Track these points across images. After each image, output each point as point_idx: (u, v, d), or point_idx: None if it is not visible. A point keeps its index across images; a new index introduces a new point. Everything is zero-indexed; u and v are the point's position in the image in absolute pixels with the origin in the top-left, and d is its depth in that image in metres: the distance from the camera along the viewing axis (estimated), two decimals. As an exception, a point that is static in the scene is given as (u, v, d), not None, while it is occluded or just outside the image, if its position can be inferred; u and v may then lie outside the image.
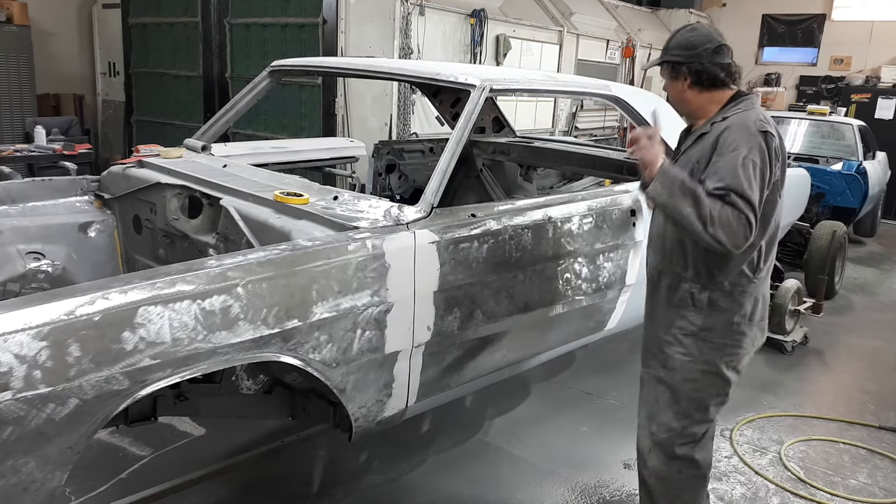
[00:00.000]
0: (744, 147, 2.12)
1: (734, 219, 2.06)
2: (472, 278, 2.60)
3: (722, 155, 2.14)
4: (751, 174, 2.09)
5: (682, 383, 2.34)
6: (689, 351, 2.32)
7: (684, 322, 2.33)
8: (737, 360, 2.34)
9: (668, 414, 2.37)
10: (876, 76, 11.16)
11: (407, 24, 6.39)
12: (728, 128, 2.19)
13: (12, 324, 1.61)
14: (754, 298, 2.31)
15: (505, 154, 4.50)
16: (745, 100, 2.30)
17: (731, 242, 2.08)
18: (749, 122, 2.19)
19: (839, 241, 5.92)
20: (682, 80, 2.30)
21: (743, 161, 2.10)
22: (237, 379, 2.42)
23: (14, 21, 8.02)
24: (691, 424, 2.36)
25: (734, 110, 2.26)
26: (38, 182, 3.24)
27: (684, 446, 2.37)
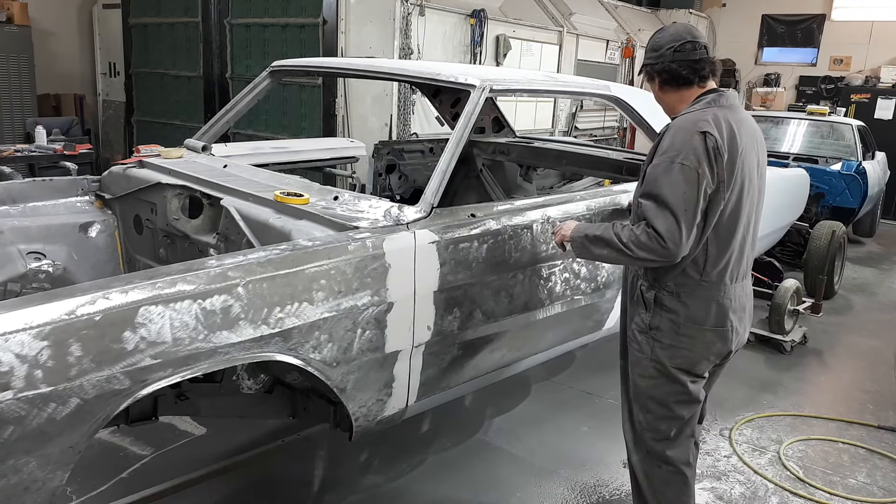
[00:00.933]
0: (673, 150, 2.13)
1: (646, 237, 2.14)
2: (472, 278, 2.61)
3: (654, 156, 2.21)
4: (677, 178, 2.10)
5: (639, 379, 2.40)
6: (642, 348, 2.36)
7: (639, 319, 2.38)
8: (687, 364, 2.30)
9: (635, 408, 2.45)
10: (875, 76, 11.16)
11: (407, 25, 6.40)
12: (669, 128, 2.23)
13: (13, 323, 1.62)
14: (706, 302, 2.26)
15: (505, 154, 4.51)
16: (704, 98, 2.27)
17: (659, 256, 2.14)
18: (690, 122, 2.18)
19: (838, 241, 5.93)
20: (654, 82, 2.36)
21: (670, 164, 2.12)
22: (238, 378, 2.42)
23: (14, 21, 8.03)
24: (656, 420, 2.38)
25: (688, 109, 2.26)
26: (38, 182, 3.24)
27: (658, 443, 2.40)
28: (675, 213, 2.10)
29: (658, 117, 3.72)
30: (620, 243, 2.19)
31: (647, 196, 2.17)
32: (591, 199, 3.18)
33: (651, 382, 2.36)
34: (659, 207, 2.12)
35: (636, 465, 2.50)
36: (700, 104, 2.26)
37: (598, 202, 3.18)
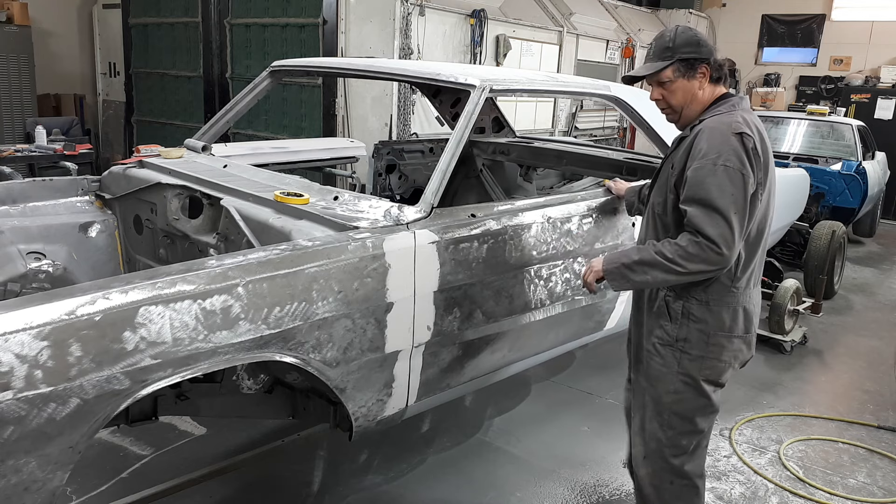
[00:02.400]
0: (714, 152, 2.07)
1: (696, 247, 2.04)
2: (472, 278, 2.61)
3: (694, 160, 2.10)
4: (723, 179, 2.04)
5: (663, 395, 2.29)
6: (666, 362, 2.26)
7: (661, 332, 2.27)
8: (716, 374, 2.25)
9: (653, 424, 2.33)
10: (875, 76, 11.16)
11: (407, 25, 6.40)
12: (701, 131, 2.15)
13: (13, 323, 1.62)
14: (733, 310, 2.22)
15: (505, 154, 4.51)
16: (726, 102, 2.23)
17: (713, 265, 2.06)
18: (723, 124, 2.13)
19: (838, 241, 5.93)
20: (700, 77, 2.21)
21: (713, 166, 2.06)
22: (238, 378, 2.42)
23: (14, 21, 8.03)
24: (677, 435, 2.30)
25: (714, 112, 2.20)
26: (38, 182, 3.24)
27: (675, 458, 2.32)
28: (727, 216, 2.02)
29: (658, 117, 3.73)
30: (666, 261, 2.08)
31: (693, 202, 2.07)
32: (592, 199, 3.18)
33: (677, 398, 2.26)
34: (708, 212, 2.03)
35: (644, 479, 2.39)
36: (724, 106, 2.21)
37: (599, 202, 3.18)
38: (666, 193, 2.24)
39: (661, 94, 2.26)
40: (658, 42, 2.25)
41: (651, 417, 2.33)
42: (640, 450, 2.39)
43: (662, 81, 2.23)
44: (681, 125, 2.32)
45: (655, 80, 2.25)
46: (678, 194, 2.17)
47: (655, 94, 2.27)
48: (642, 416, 2.38)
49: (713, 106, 2.23)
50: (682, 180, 2.15)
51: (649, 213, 2.35)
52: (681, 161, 2.17)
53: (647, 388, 2.33)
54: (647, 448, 2.36)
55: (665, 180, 2.25)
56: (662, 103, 2.28)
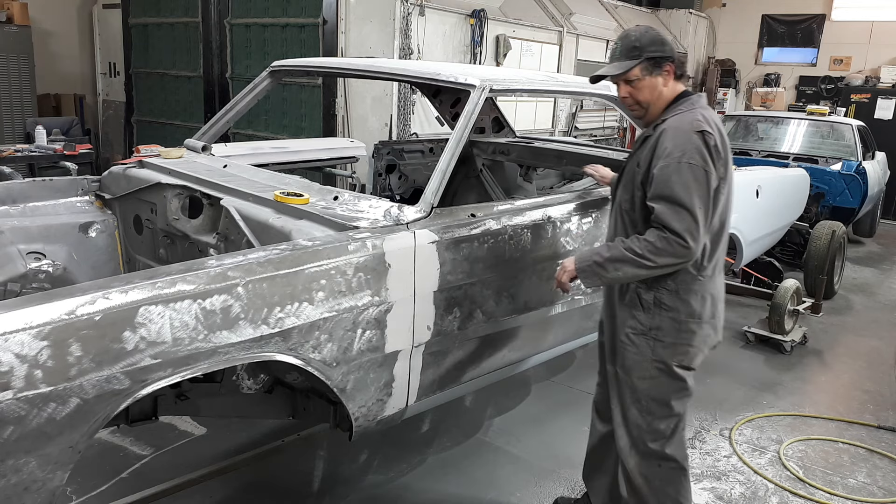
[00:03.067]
0: (678, 151, 2.16)
1: (664, 242, 2.15)
2: (472, 278, 2.61)
3: (659, 159, 2.19)
4: (687, 176, 2.13)
5: (639, 381, 2.38)
6: (640, 350, 2.35)
7: (634, 322, 2.36)
8: (688, 359, 2.34)
9: (633, 411, 2.42)
10: (875, 76, 11.16)
11: (407, 25, 6.40)
12: (665, 131, 2.23)
13: (13, 323, 1.62)
14: (702, 297, 2.31)
15: (505, 154, 4.51)
16: (686, 100, 2.31)
17: (681, 258, 2.16)
18: (685, 122, 2.22)
19: (838, 241, 5.93)
20: (665, 75, 2.31)
21: (678, 164, 2.15)
22: (238, 378, 2.42)
23: (14, 21, 8.03)
24: (655, 420, 2.39)
25: (675, 110, 2.29)
26: (38, 182, 3.24)
27: (655, 442, 2.40)
28: (692, 211, 2.13)
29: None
30: (636, 256, 2.18)
31: (660, 198, 2.17)
32: (591, 198, 3.18)
33: (653, 383, 2.36)
34: (674, 208, 2.14)
35: (633, 470, 2.46)
36: (684, 104, 2.30)
37: (599, 202, 3.17)
38: (633, 191, 2.32)
39: (629, 91, 2.33)
40: (624, 42, 2.33)
41: (629, 405, 2.42)
42: (626, 441, 2.46)
43: (630, 80, 2.31)
44: (646, 122, 2.40)
45: (623, 78, 2.32)
46: (645, 192, 2.26)
47: (623, 91, 2.35)
48: (622, 407, 2.46)
49: (674, 104, 2.32)
50: (648, 178, 2.23)
51: (617, 211, 2.43)
52: (646, 160, 2.26)
53: (624, 378, 2.42)
54: (631, 437, 2.44)
55: (631, 178, 2.33)
56: (630, 100, 2.35)
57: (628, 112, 2.39)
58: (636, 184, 2.30)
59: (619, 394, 2.46)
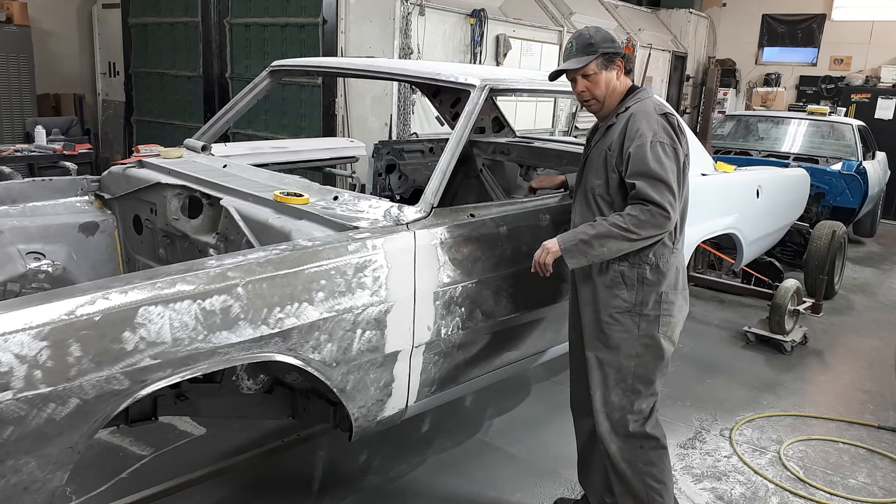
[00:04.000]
0: (649, 131, 2.33)
1: (647, 214, 2.28)
2: (472, 278, 2.61)
3: (632, 140, 2.34)
4: (660, 153, 2.31)
5: (626, 360, 2.45)
6: (627, 328, 2.44)
7: (618, 301, 2.44)
8: (671, 330, 2.47)
9: (616, 393, 2.48)
10: (876, 76, 11.16)
11: (407, 24, 6.40)
12: (633, 115, 2.39)
13: (13, 324, 1.61)
14: (675, 268, 2.46)
15: (505, 154, 4.50)
16: (640, 91, 2.49)
17: (663, 228, 2.30)
18: (648, 107, 2.40)
19: (839, 241, 5.92)
20: (617, 69, 2.46)
21: (651, 143, 2.31)
22: (237, 379, 2.42)
23: (14, 21, 8.03)
24: (638, 399, 2.47)
25: (633, 100, 2.45)
26: (38, 182, 3.24)
27: (636, 423, 2.48)
28: (668, 184, 2.29)
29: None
30: (622, 231, 2.29)
31: (638, 175, 2.31)
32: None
33: (640, 360, 2.45)
34: (653, 182, 2.28)
35: (616, 455, 2.51)
36: (640, 94, 2.47)
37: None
38: (606, 175, 2.44)
39: (586, 86, 2.46)
40: (579, 40, 2.45)
41: (613, 387, 2.48)
42: (607, 426, 2.51)
43: (587, 74, 2.44)
44: (602, 114, 2.54)
45: (580, 73, 2.45)
46: (620, 174, 2.39)
47: (580, 86, 2.47)
48: (604, 391, 2.50)
49: (629, 96, 2.48)
50: (622, 161, 2.37)
51: (587, 196, 2.52)
52: (618, 144, 2.40)
53: (609, 360, 2.48)
54: (612, 420, 2.50)
55: (602, 163, 2.45)
56: (587, 94, 2.48)
57: (585, 107, 2.54)
58: (610, 167, 2.42)
59: (601, 379, 2.50)
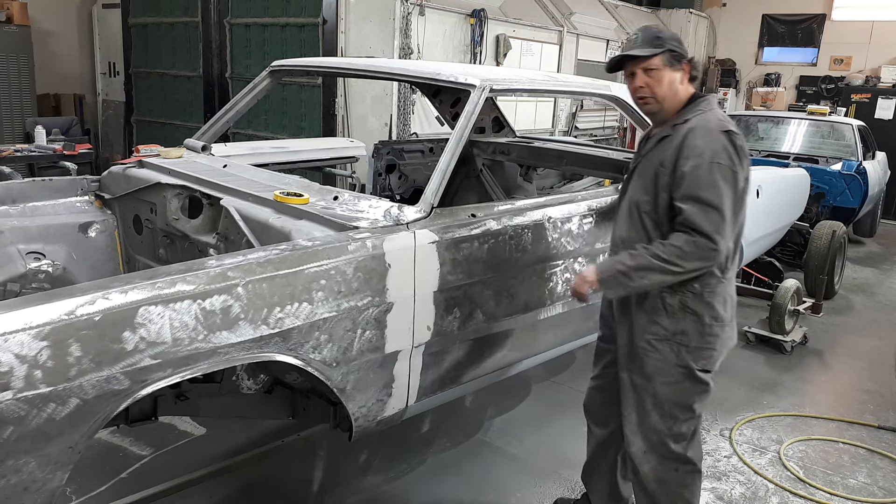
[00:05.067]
0: (708, 151, 2.13)
1: (692, 245, 2.11)
2: (472, 278, 2.61)
3: (688, 159, 2.14)
4: (716, 176, 2.11)
5: (661, 387, 2.33)
6: (664, 356, 2.30)
7: (657, 328, 2.30)
8: (710, 363, 2.31)
9: (653, 418, 2.36)
10: (876, 76, 11.16)
11: (407, 24, 6.40)
12: (691, 130, 2.18)
13: (13, 324, 1.61)
14: (724, 299, 2.29)
15: (505, 154, 4.50)
16: (703, 100, 2.29)
17: (709, 261, 2.13)
18: (710, 122, 2.19)
19: (839, 241, 5.92)
20: (682, 72, 2.28)
21: (709, 165, 2.11)
22: (237, 379, 2.42)
23: (14, 21, 8.03)
24: (677, 424, 2.35)
25: (694, 111, 2.25)
26: (38, 182, 3.24)
27: (677, 444, 2.37)
28: (721, 211, 2.10)
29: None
30: (663, 262, 2.13)
31: (688, 199, 2.12)
32: (592, 198, 3.18)
33: (677, 388, 2.31)
34: (703, 209, 2.10)
35: (648, 475, 2.41)
36: (703, 105, 2.27)
37: (599, 202, 3.17)
38: (655, 192, 2.25)
39: (646, 81, 2.26)
40: (645, 32, 2.27)
41: (650, 411, 2.36)
42: (641, 446, 2.41)
43: (650, 69, 2.24)
44: (659, 118, 2.34)
45: (642, 66, 2.25)
46: (671, 193, 2.20)
47: (639, 81, 2.27)
48: (640, 413, 2.39)
49: (691, 105, 2.28)
50: (674, 179, 2.18)
51: (632, 211, 2.35)
52: (671, 160, 2.20)
53: (644, 385, 2.35)
54: (649, 442, 2.38)
55: (652, 178, 2.26)
56: (646, 91, 2.27)
57: (641, 106, 2.32)
58: (660, 185, 2.23)
59: (636, 401, 2.39)
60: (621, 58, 2.29)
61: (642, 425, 2.39)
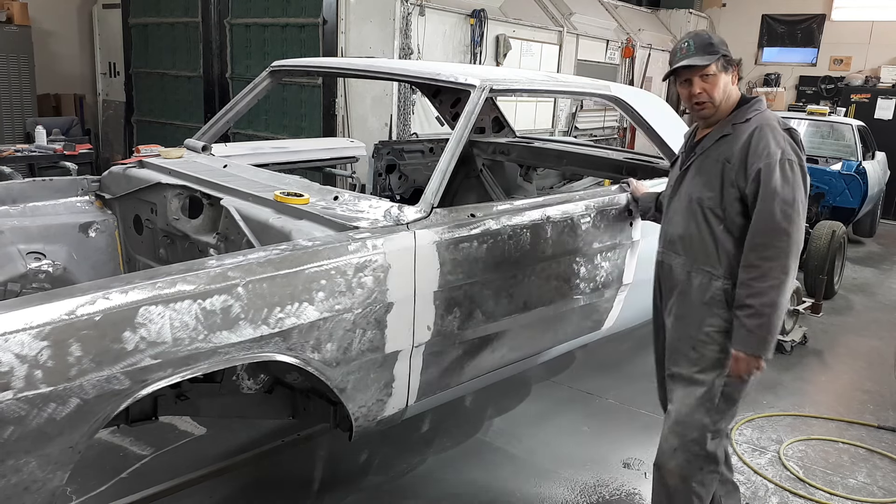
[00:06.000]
0: (777, 148, 2.23)
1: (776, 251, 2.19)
2: (472, 278, 2.61)
3: (759, 157, 2.23)
4: (788, 172, 2.21)
5: (717, 380, 2.36)
6: (722, 347, 2.34)
7: (717, 320, 2.34)
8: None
9: (700, 412, 2.37)
10: (875, 76, 11.16)
11: (407, 25, 6.40)
12: (759, 129, 2.28)
13: (13, 324, 1.62)
14: None
15: (505, 154, 4.51)
16: (755, 101, 2.39)
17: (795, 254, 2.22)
18: (772, 121, 2.30)
19: (838, 241, 5.93)
20: (732, 75, 2.38)
21: (780, 162, 2.21)
22: (238, 378, 2.42)
23: (14, 21, 8.03)
24: (721, 419, 2.39)
25: (752, 111, 2.35)
26: (38, 182, 3.24)
27: (713, 441, 2.39)
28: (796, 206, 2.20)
29: (658, 118, 3.73)
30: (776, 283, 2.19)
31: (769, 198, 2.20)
32: (591, 199, 3.18)
33: (729, 380, 2.36)
34: (782, 206, 2.19)
35: (673, 471, 2.41)
36: (757, 104, 2.37)
37: (597, 202, 3.18)
38: (721, 189, 2.32)
39: (704, 87, 2.35)
40: (697, 40, 2.35)
41: (698, 406, 2.37)
42: (674, 441, 2.41)
43: (708, 74, 2.33)
44: (714, 119, 2.41)
45: (700, 73, 2.34)
46: (739, 188, 2.27)
47: (697, 87, 2.35)
48: (684, 408, 2.40)
49: (745, 105, 2.38)
50: (744, 177, 2.26)
51: (693, 209, 2.39)
52: (739, 158, 2.28)
53: (697, 378, 2.38)
54: (685, 440, 2.39)
55: (717, 174, 2.33)
56: (704, 96, 2.35)
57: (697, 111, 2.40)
58: (728, 181, 2.30)
59: (683, 396, 2.41)
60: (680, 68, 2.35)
61: (684, 421, 2.40)
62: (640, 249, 3.33)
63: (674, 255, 2.48)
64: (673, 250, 2.48)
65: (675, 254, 2.47)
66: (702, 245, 2.37)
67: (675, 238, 2.47)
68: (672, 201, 2.51)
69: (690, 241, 2.40)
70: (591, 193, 3.29)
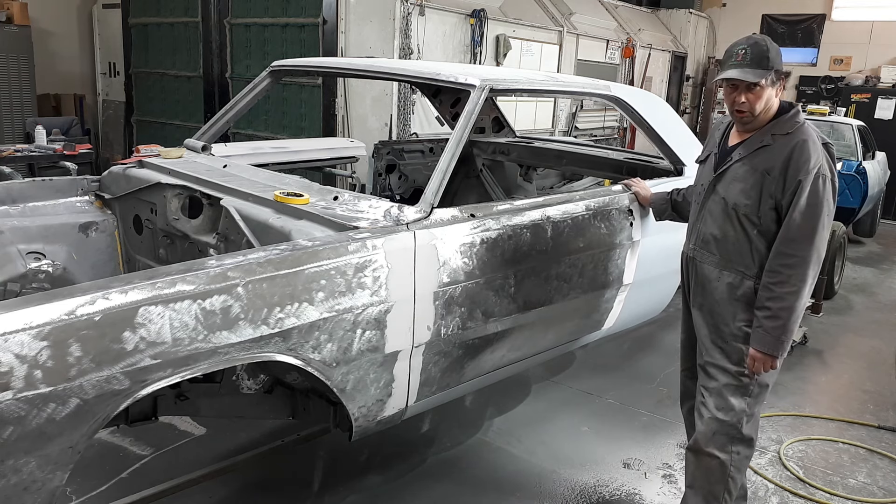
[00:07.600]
0: (815, 164, 2.31)
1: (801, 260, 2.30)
2: (472, 278, 2.61)
3: (799, 171, 2.31)
4: (821, 188, 2.31)
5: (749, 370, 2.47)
6: None
7: (748, 314, 2.44)
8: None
9: (736, 398, 2.49)
10: (876, 76, 11.16)
11: (407, 24, 6.40)
12: (801, 144, 2.34)
13: (13, 324, 1.62)
14: None
15: (505, 154, 4.51)
16: (793, 111, 2.43)
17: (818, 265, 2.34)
18: (814, 135, 2.38)
19: (838, 241, 5.93)
20: (779, 88, 2.41)
21: (816, 177, 2.30)
22: (238, 379, 2.42)
23: (14, 21, 8.03)
24: (755, 404, 2.51)
25: (792, 124, 2.40)
26: (38, 182, 3.24)
27: (748, 424, 2.51)
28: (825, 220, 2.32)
29: (658, 118, 3.73)
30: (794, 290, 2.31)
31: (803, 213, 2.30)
32: (591, 199, 3.18)
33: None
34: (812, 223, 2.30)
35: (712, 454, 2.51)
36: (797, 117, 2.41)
37: (598, 202, 3.18)
38: (759, 197, 2.39)
39: (748, 98, 2.38)
40: (755, 49, 2.36)
41: (734, 392, 2.49)
42: (712, 426, 2.51)
43: (755, 87, 2.36)
44: (751, 127, 2.46)
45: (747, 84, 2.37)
46: (776, 199, 2.36)
47: (742, 97, 2.38)
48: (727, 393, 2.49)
49: (784, 115, 2.42)
50: (782, 188, 2.34)
51: (728, 212, 2.47)
52: (780, 170, 2.34)
53: (735, 371, 2.48)
54: (723, 425, 2.50)
55: (757, 185, 2.39)
56: (745, 106, 2.39)
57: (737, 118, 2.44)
58: (767, 191, 2.36)
59: (717, 385, 2.51)
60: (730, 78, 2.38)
61: (721, 408, 2.50)
62: (640, 249, 3.34)
63: (707, 254, 2.56)
64: (707, 250, 2.57)
65: (708, 253, 2.56)
66: (737, 247, 2.46)
67: (710, 238, 2.55)
68: (706, 201, 2.57)
69: (726, 242, 2.49)
70: (592, 193, 3.29)
